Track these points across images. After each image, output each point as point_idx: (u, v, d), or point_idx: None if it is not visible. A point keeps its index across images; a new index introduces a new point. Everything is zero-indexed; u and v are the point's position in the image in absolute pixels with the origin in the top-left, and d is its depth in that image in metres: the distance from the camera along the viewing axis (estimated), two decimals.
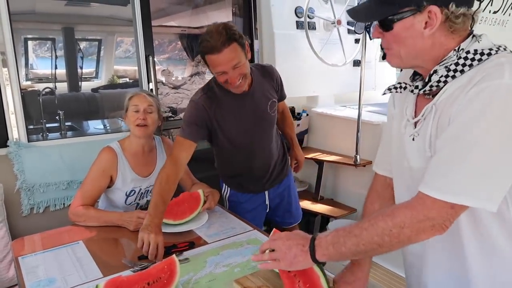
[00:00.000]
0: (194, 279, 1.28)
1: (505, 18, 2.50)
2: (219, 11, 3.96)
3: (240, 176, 1.98)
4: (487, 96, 0.76)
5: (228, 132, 1.78)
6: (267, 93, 1.83)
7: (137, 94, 1.80)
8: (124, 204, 1.78)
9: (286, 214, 2.16)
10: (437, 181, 0.80)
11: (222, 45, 1.51)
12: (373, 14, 0.91)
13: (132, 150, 1.82)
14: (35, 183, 2.07)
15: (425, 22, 0.84)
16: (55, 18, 4.47)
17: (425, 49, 0.87)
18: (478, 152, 0.76)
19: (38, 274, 1.33)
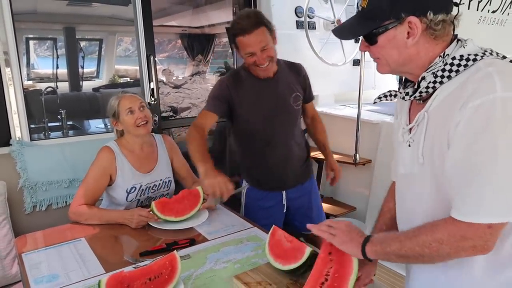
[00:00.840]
0: (195, 275, 1.30)
1: (504, 18, 2.52)
2: (220, 11, 3.98)
3: (257, 169, 1.99)
4: (485, 113, 0.77)
5: (247, 113, 1.85)
6: (291, 85, 1.88)
7: (124, 96, 1.79)
8: (125, 201, 1.80)
9: (305, 219, 2.08)
10: (466, 206, 0.81)
11: (251, 27, 1.65)
12: (356, 31, 0.94)
13: (130, 147, 1.83)
14: (37, 181, 2.09)
15: (407, 32, 0.87)
16: (56, 18, 4.49)
17: (411, 57, 0.90)
18: (492, 169, 0.77)
19: (41, 270, 1.35)
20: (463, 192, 0.82)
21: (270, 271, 1.28)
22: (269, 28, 1.71)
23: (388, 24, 0.87)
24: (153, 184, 1.86)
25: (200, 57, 5.57)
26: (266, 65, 1.74)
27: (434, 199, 0.93)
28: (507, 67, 0.83)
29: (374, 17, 0.89)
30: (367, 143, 2.87)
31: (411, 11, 0.85)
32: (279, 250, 1.30)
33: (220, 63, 5.50)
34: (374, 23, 0.89)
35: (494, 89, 0.76)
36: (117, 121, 1.81)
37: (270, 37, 1.72)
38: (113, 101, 1.80)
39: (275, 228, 1.38)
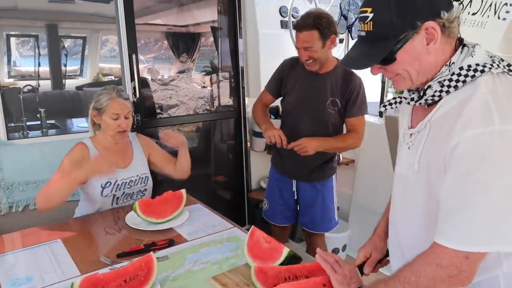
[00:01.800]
0: (172, 276, 1.28)
1: (484, 20, 2.56)
2: (205, 10, 3.95)
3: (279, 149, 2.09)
4: (482, 146, 0.77)
5: (287, 93, 2.08)
6: (333, 89, 1.97)
7: (117, 100, 1.75)
8: (100, 196, 1.78)
9: (307, 217, 2.20)
10: (447, 231, 0.81)
11: (303, 27, 1.84)
12: (372, 57, 0.88)
13: (105, 145, 1.83)
14: (14, 181, 2.04)
15: (426, 39, 0.84)
16: (38, 14, 4.41)
17: (431, 65, 0.88)
18: (483, 201, 0.78)
19: (15, 272, 1.32)
20: (446, 217, 0.82)
21: (248, 272, 1.27)
22: (323, 33, 1.84)
23: (404, 38, 0.83)
24: (129, 180, 1.85)
25: (185, 56, 5.53)
26: (307, 62, 1.91)
27: (425, 205, 0.93)
28: (505, 92, 0.81)
29: (386, 36, 0.85)
30: None
31: (425, 17, 0.82)
32: (257, 250, 1.29)
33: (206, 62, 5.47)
34: (389, 42, 0.84)
35: (492, 121, 0.76)
36: (99, 115, 1.78)
37: (321, 41, 1.85)
38: (104, 99, 1.75)
39: (253, 228, 1.37)
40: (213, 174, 3.67)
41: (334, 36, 1.89)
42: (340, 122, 2.05)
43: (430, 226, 0.91)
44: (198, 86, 5.75)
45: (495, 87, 0.82)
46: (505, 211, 0.78)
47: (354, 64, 0.94)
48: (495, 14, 2.58)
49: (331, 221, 2.22)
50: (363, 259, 1.18)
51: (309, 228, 2.22)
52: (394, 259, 1.11)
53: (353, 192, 2.89)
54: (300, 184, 2.17)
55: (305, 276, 1.17)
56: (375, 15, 0.85)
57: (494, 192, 0.77)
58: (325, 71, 1.97)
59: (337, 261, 1.11)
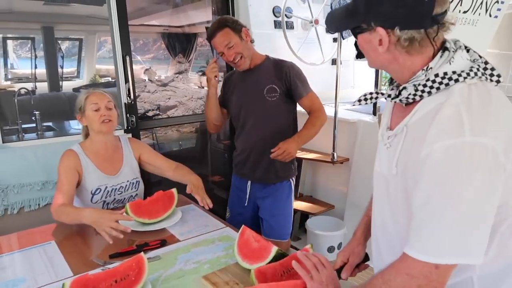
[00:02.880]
0: (163, 276, 1.30)
1: (475, 18, 2.57)
2: (199, 10, 3.97)
3: (235, 152, 2.19)
4: (452, 158, 0.76)
5: (229, 99, 2.14)
6: (268, 78, 2.00)
7: (93, 92, 1.79)
8: (90, 202, 1.79)
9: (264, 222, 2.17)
10: (417, 242, 0.82)
11: (215, 31, 1.91)
12: (341, 24, 0.99)
13: (94, 149, 1.83)
14: (9, 184, 2.06)
15: (379, 40, 0.86)
16: (33, 17, 4.41)
17: (385, 63, 0.91)
18: (451, 213, 0.77)
19: (8, 274, 1.33)
20: (416, 228, 0.83)
21: (238, 271, 1.29)
22: (233, 28, 1.92)
23: (363, 28, 0.88)
24: (119, 186, 1.85)
25: (181, 56, 5.55)
26: (238, 60, 1.94)
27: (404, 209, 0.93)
28: (479, 102, 0.80)
29: (354, 16, 0.89)
30: (344, 142, 2.90)
31: (380, 22, 0.84)
32: (247, 249, 1.31)
33: (202, 63, 5.49)
34: (353, 22, 0.90)
35: (463, 132, 0.76)
36: (82, 115, 1.79)
37: (236, 35, 1.92)
38: (81, 96, 1.80)
39: (244, 227, 1.39)
40: (210, 174, 3.68)
41: (245, 29, 1.96)
42: (287, 109, 2.05)
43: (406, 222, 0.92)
44: (195, 87, 5.77)
45: (470, 97, 0.81)
46: (472, 224, 0.78)
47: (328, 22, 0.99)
48: (486, 11, 2.59)
49: (285, 229, 2.16)
50: (341, 263, 1.19)
51: (265, 235, 2.12)
52: (376, 261, 1.12)
53: (348, 190, 2.91)
54: (254, 186, 2.13)
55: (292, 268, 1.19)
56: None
57: (462, 205, 0.77)
58: (255, 65, 2.03)
59: (316, 265, 1.08)
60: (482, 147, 0.75)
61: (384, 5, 0.83)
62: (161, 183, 2.71)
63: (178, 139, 5.21)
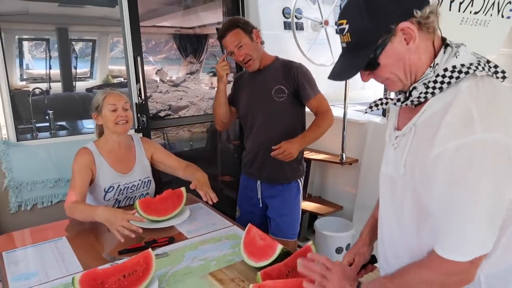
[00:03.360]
0: (170, 272, 1.32)
1: (487, 18, 2.54)
2: (210, 12, 4.00)
3: (244, 152, 2.22)
4: (466, 155, 0.78)
5: (238, 99, 2.16)
6: (277, 79, 2.02)
7: (111, 92, 1.83)
8: (103, 200, 1.83)
9: (273, 222, 2.18)
10: (449, 244, 0.85)
11: (226, 31, 1.94)
12: (355, 66, 0.89)
13: (108, 147, 1.86)
14: (22, 181, 2.10)
15: (404, 39, 0.85)
16: (48, 18, 4.50)
17: (417, 63, 0.89)
18: (473, 209, 0.80)
19: (21, 268, 1.38)
20: (445, 229, 0.84)
21: (244, 268, 1.31)
22: (244, 29, 1.94)
23: (382, 42, 0.85)
24: (132, 185, 1.88)
25: (192, 57, 5.60)
26: (247, 60, 1.98)
27: (412, 208, 0.95)
28: (488, 97, 0.82)
29: (364, 43, 0.86)
30: (354, 143, 2.90)
31: (398, 18, 0.84)
32: (252, 247, 1.33)
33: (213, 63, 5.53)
34: (369, 49, 0.86)
35: (475, 130, 0.77)
36: (98, 114, 1.83)
37: (246, 35, 1.94)
38: (99, 95, 1.83)
39: (250, 226, 1.40)
40: (219, 174, 3.71)
41: (256, 30, 1.99)
42: (294, 110, 2.05)
43: (419, 226, 0.93)
44: (206, 87, 5.81)
45: (478, 94, 0.82)
46: (491, 217, 0.81)
47: (339, 75, 0.92)
48: (498, 12, 2.56)
49: (292, 229, 2.17)
50: (347, 264, 1.19)
51: (273, 234, 2.14)
52: (382, 263, 1.13)
53: (357, 191, 2.90)
54: (264, 185, 2.15)
55: None
56: (350, 26, 0.87)
57: (481, 200, 0.79)
58: (264, 65, 2.05)
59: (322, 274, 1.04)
60: (494, 143, 0.77)
61: (388, 5, 0.84)
62: (172, 182, 2.74)
63: (188, 139, 5.26)
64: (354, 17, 0.86)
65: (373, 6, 0.84)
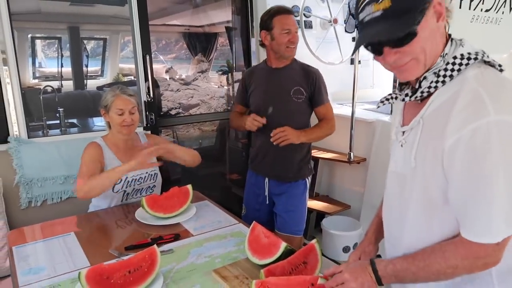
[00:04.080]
0: (175, 269, 1.34)
1: (499, 16, 2.50)
2: (219, 10, 4.01)
3: (252, 148, 2.24)
4: (482, 138, 0.79)
5: (253, 95, 2.15)
6: (297, 80, 2.05)
7: (120, 96, 1.85)
8: (111, 191, 1.86)
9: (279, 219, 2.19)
10: (476, 227, 0.85)
11: (291, 11, 2.04)
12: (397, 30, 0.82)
13: (116, 142, 1.92)
14: (33, 178, 2.14)
15: (435, 16, 0.85)
16: (60, 17, 4.56)
17: (437, 46, 0.89)
18: (496, 190, 0.80)
19: (30, 263, 1.40)
20: (471, 214, 0.84)
21: (248, 266, 1.31)
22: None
23: (423, 10, 0.82)
24: (139, 177, 1.92)
25: (201, 55, 5.62)
26: (295, 45, 2.02)
27: (423, 200, 0.95)
28: (495, 83, 0.84)
29: (407, 10, 0.82)
30: (362, 142, 2.88)
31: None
32: (257, 245, 1.33)
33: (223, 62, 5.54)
34: (413, 13, 0.81)
35: (488, 112, 0.78)
36: (106, 113, 1.88)
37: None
38: (109, 96, 1.87)
39: (255, 223, 1.41)
40: (227, 172, 3.72)
41: None
42: (307, 113, 2.10)
43: (429, 221, 0.93)
44: (215, 86, 5.83)
45: (485, 80, 0.84)
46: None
47: (376, 35, 0.84)
48: (510, 10, 2.52)
49: (298, 225, 2.18)
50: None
51: (278, 229, 2.17)
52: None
53: (365, 190, 2.89)
54: (271, 182, 2.16)
55: (303, 262, 1.22)
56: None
57: (501, 180, 0.79)
58: (284, 65, 2.07)
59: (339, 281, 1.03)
60: (506, 123, 0.78)
61: None
62: (180, 180, 2.77)
63: (197, 138, 5.28)
64: None
65: None
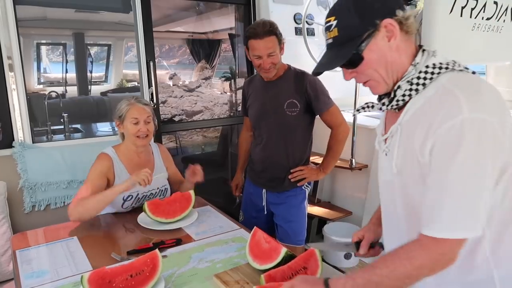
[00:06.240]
0: (177, 273, 1.35)
1: (500, 24, 2.51)
2: (222, 18, 4.05)
3: (250, 159, 2.24)
4: (455, 136, 0.81)
5: (251, 108, 2.14)
6: (289, 92, 1.99)
7: (135, 105, 1.82)
8: (121, 208, 1.84)
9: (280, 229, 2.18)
10: (441, 223, 0.85)
11: (263, 34, 1.85)
12: (341, 57, 0.92)
13: (128, 155, 1.87)
14: (37, 182, 2.16)
15: (386, 36, 0.91)
16: (65, 24, 4.62)
17: (397, 63, 0.93)
18: (463, 187, 0.82)
19: (33, 266, 1.41)
20: (438, 209, 0.85)
21: (249, 271, 1.32)
22: (278, 39, 1.90)
23: (368, 36, 0.90)
24: (150, 193, 1.89)
25: (204, 62, 5.67)
26: (269, 69, 1.93)
27: (405, 206, 0.96)
28: (469, 84, 0.87)
29: (351, 38, 0.91)
30: (363, 148, 2.89)
31: (382, 15, 0.90)
32: (257, 250, 1.34)
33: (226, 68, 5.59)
34: (355, 41, 0.90)
35: (461, 110, 0.80)
36: (120, 123, 1.84)
37: (278, 46, 1.91)
38: (124, 105, 1.83)
39: (256, 229, 1.42)
40: (230, 178, 3.73)
41: (283, 40, 1.96)
42: (306, 123, 2.05)
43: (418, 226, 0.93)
44: (218, 92, 5.87)
45: (459, 82, 0.87)
46: (483, 189, 0.83)
47: (325, 66, 0.96)
48: None
49: (299, 235, 2.16)
50: (357, 239, 1.22)
51: (280, 240, 2.12)
52: None
53: (366, 197, 2.89)
54: (269, 194, 2.15)
55: (303, 267, 1.23)
56: (339, 21, 0.92)
57: (472, 178, 0.81)
58: (277, 77, 2.01)
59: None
60: (481, 121, 0.80)
61: (374, 2, 0.91)
62: None
63: (200, 143, 5.31)
64: (343, 13, 0.92)
65: (360, 4, 0.91)
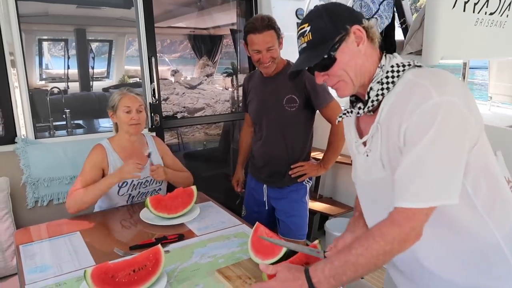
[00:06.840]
0: (179, 268, 1.35)
1: (503, 19, 2.50)
2: (224, 13, 4.04)
3: (251, 155, 2.25)
4: (428, 115, 0.87)
5: (250, 103, 2.16)
6: (288, 87, 1.98)
7: (127, 94, 1.89)
8: (117, 194, 1.88)
9: (282, 224, 2.18)
10: (409, 194, 0.89)
11: (262, 28, 1.86)
12: (315, 57, 0.99)
13: (122, 144, 1.93)
14: (39, 178, 2.17)
15: (355, 41, 0.99)
16: (67, 19, 4.62)
17: (364, 65, 1.01)
18: (433, 160, 0.87)
19: (36, 261, 1.42)
20: (407, 182, 0.89)
21: (251, 266, 1.33)
22: (277, 33, 1.91)
23: (340, 39, 0.97)
24: (145, 180, 1.93)
25: (205, 58, 5.66)
26: (268, 64, 1.92)
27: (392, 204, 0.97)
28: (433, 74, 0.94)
29: (324, 40, 0.98)
30: None
31: (351, 22, 0.99)
32: (259, 245, 1.35)
33: (227, 64, 5.58)
34: (328, 43, 0.97)
35: (431, 95, 0.87)
36: (113, 113, 1.90)
37: (277, 41, 1.91)
38: (116, 95, 1.90)
39: (258, 224, 1.42)
40: (231, 173, 3.73)
41: (282, 35, 1.97)
42: (306, 118, 2.05)
43: None
44: (220, 88, 5.86)
45: (423, 73, 0.95)
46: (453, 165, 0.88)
47: (299, 65, 1.04)
48: None
49: (300, 230, 2.16)
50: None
51: (282, 235, 2.12)
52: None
53: None
54: (270, 189, 2.16)
55: (305, 263, 1.23)
56: (312, 27, 0.99)
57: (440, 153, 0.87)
58: (276, 72, 2.01)
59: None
60: (449, 102, 0.86)
61: (344, 11, 1.01)
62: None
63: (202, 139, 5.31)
64: (316, 19, 1.00)
65: (332, 12, 1.00)
